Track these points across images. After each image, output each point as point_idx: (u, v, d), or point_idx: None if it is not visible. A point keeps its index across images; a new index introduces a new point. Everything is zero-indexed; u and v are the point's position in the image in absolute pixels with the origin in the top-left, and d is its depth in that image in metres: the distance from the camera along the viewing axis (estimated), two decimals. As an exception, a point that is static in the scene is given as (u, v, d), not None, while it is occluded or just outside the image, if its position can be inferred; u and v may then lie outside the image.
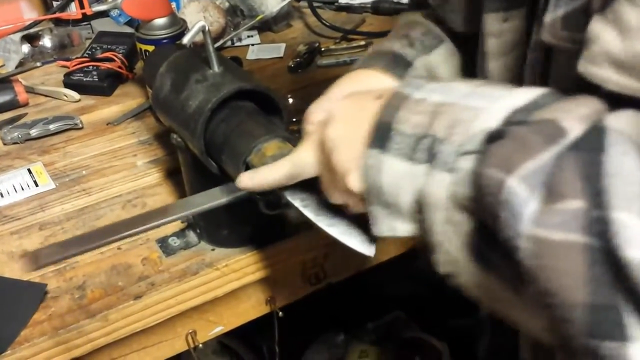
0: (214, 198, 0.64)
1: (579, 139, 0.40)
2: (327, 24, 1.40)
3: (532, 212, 0.38)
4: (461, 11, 0.71)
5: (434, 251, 0.47)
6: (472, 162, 0.43)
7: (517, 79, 0.60)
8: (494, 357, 0.90)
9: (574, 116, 0.41)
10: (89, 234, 0.68)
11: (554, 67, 0.54)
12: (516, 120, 0.43)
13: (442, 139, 0.45)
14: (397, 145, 0.47)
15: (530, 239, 0.38)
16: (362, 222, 0.58)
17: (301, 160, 0.58)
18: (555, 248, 0.37)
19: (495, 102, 0.45)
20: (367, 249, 0.57)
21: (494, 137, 0.43)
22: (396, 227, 0.50)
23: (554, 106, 0.43)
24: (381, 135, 0.48)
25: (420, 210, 0.47)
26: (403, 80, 0.68)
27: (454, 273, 0.47)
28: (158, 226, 0.64)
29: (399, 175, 0.47)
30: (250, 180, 0.61)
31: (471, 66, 0.69)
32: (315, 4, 1.43)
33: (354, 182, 0.51)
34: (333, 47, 1.33)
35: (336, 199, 0.56)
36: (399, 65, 0.70)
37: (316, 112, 0.60)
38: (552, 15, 0.49)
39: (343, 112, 0.54)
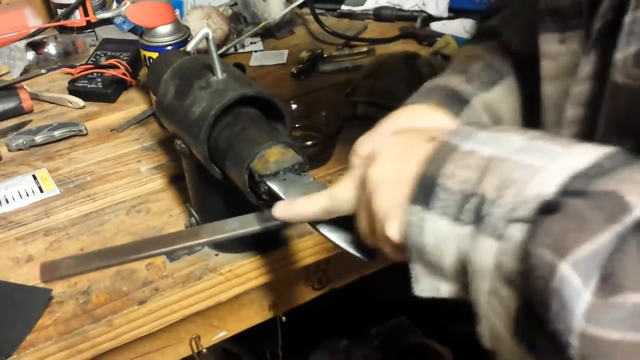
0: (248, 225, 0.62)
1: None
2: (330, 30, 1.41)
3: (586, 306, 0.34)
4: (517, 30, 0.67)
5: (479, 322, 0.43)
6: (522, 232, 0.39)
7: None
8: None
9: None
10: (112, 249, 0.65)
11: (608, 103, 0.50)
12: (575, 189, 0.38)
13: (491, 200, 0.41)
14: (442, 202, 0.43)
15: (582, 336, 0.34)
16: None
17: (339, 196, 0.55)
18: (610, 348, 0.34)
19: (553, 162, 0.40)
20: (369, 256, 0.57)
21: (548, 208, 0.38)
22: (439, 288, 0.46)
23: (619, 174, 0.38)
24: (425, 191, 0.44)
25: (465, 274, 0.43)
26: (457, 122, 0.64)
27: (497, 350, 0.42)
28: (187, 248, 0.61)
29: (443, 236, 0.43)
30: (285, 211, 0.59)
31: (534, 96, 0.63)
32: (317, 11, 1.44)
33: (393, 232, 0.47)
34: (335, 53, 1.34)
35: (371, 241, 0.53)
36: (454, 101, 0.66)
37: (364, 146, 0.56)
38: (623, 53, 0.45)
39: (389, 151, 0.50)
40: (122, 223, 0.90)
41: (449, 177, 0.44)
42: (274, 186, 0.64)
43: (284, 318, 0.90)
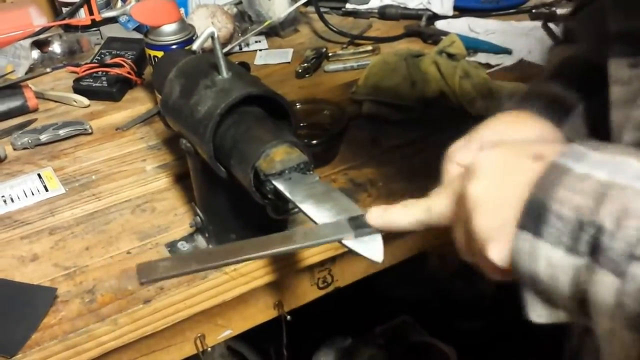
0: (341, 231, 0.58)
1: None
2: (334, 29, 1.41)
3: None
4: (588, 45, 0.64)
5: (600, 356, 0.41)
6: None
7: None
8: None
9: None
10: (209, 251, 0.63)
11: None
12: None
13: (610, 231, 0.38)
14: (554, 230, 0.41)
15: None
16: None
17: (436, 209, 0.52)
18: None
19: None
20: (375, 256, 0.57)
21: None
22: (556, 315, 0.44)
23: None
24: (535, 217, 0.42)
25: (583, 304, 0.40)
26: (560, 133, 0.61)
27: None
28: (281, 253, 0.60)
29: (556, 265, 0.41)
30: (380, 217, 0.55)
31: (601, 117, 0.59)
32: (322, 10, 1.44)
33: (497, 256, 0.44)
34: (340, 52, 1.33)
35: (468, 258, 0.50)
36: (556, 110, 0.62)
37: (461, 153, 0.54)
38: None
39: (491, 168, 0.47)
40: (127, 222, 0.90)
41: (561, 202, 0.41)
42: (280, 185, 0.64)
43: (288, 317, 0.90)
